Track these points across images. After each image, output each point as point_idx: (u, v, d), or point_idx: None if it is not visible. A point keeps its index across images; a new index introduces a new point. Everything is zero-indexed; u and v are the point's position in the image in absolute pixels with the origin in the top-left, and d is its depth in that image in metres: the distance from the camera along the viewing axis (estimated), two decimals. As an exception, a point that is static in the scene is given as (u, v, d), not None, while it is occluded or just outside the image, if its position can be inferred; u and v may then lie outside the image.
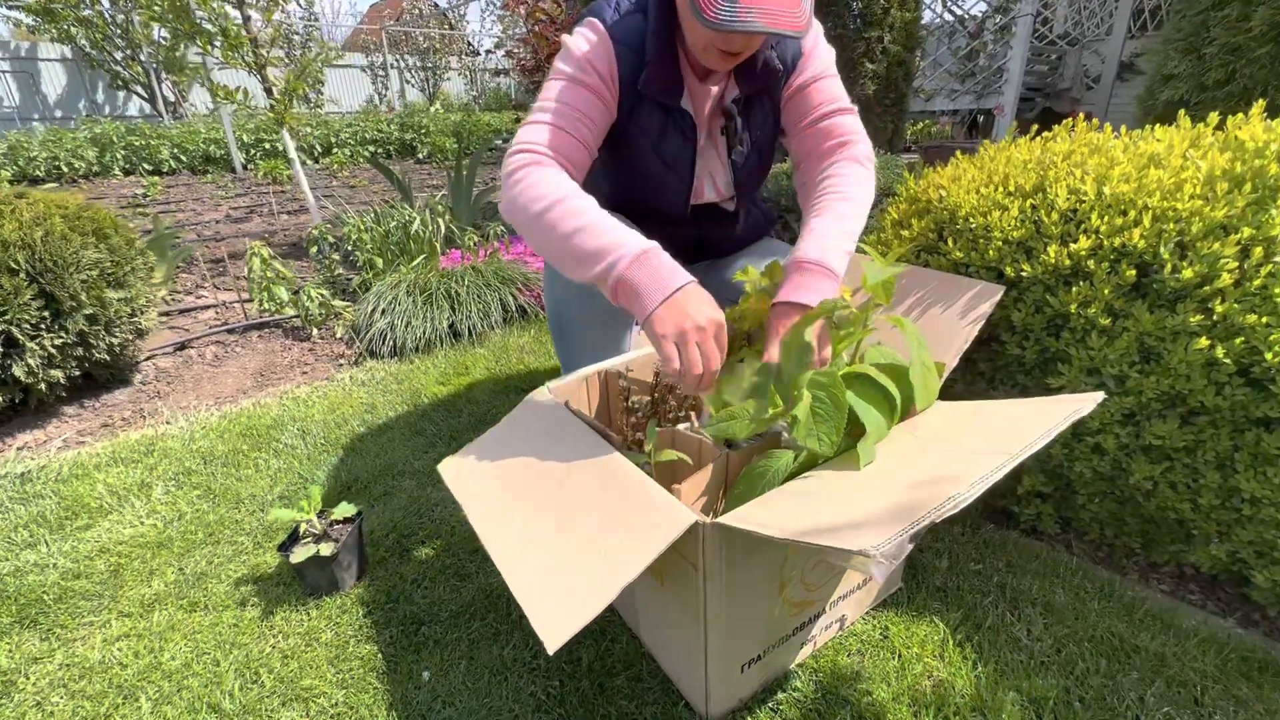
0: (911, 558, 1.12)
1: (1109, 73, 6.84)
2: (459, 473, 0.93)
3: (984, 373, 1.08)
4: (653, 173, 1.10)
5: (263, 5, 2.56)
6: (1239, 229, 0.80)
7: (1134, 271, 0.85)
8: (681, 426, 0.98)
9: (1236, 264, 0.80)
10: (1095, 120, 1.10)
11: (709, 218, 1.24)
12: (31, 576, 1.15)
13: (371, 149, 8.11)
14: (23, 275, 1.51)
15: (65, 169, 6.32)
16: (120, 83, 9.88)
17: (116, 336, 1.72)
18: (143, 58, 9.40)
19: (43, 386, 1.61)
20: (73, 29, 9.12)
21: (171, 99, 10.20)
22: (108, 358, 1.73)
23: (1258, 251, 0.79)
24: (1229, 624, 0.99)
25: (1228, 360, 0.81)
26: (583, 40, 0.98)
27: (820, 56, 1.08)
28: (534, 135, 0.93)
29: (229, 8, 2.36)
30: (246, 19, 2.53)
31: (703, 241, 1.30)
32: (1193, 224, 0.82)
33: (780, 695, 0.89)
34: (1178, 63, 1.42)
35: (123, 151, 6.71)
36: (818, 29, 1.06)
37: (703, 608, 0.77)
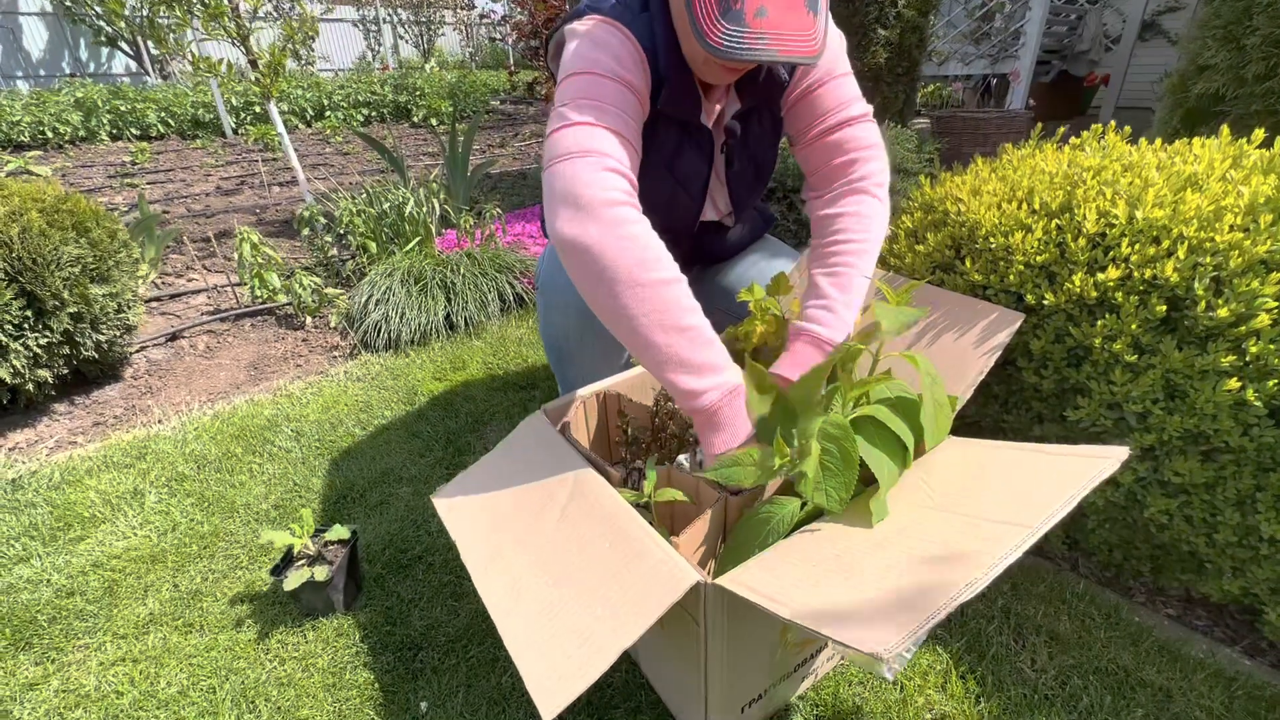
0: (915, 580, 1.10)
1: (1130, 33, 6.56)
2: (452, 508, 0.90)
3: (998, 396, 1.04)
4: (663, 191, 1.01)
5: (243, -30, 2.43)
6: (1281, 266, 0.75)
7: (1164, 306, 0.80)
8: (681, 458, 0.95)
9: (1276, 303, 0.75)
10: (1079, 137, 1.03)
11: (708, 230, 1.18)
12: (25, 594, 1.13)
13: (365, 112, 7.87)
14: (1, 275, 1.45)
15: (50, 134, 6.14)
16: (105, 39, 9.54)
17: (104, 334, 1.68)
18: (126, 13, 9.06)
19: (30, 386, 1.58)
20: (51, -19, 8.77)
21: (157, 54, 9.88)
22: (96, 355, 1.69)
23: (1299, 291, 0.74)
24: (1235, 653, 0.97)
25: (1259, 403, 0.77)
26: (608, 35, 0.85)
27: (836, 48, 0.96)
28: (618, 150, 0.79)
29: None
30: (227, -14, 2.40)
31: (701, 249, 1.25)
32: (1231, 258, 0.76)
33: (781, 731, 0.88)
34: (1215, 52, 1.33)
35: (109, 116, 6.51)
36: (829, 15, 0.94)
37: (703, 657, 0.75)
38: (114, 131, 6.57)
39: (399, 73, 9.57)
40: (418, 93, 8.23)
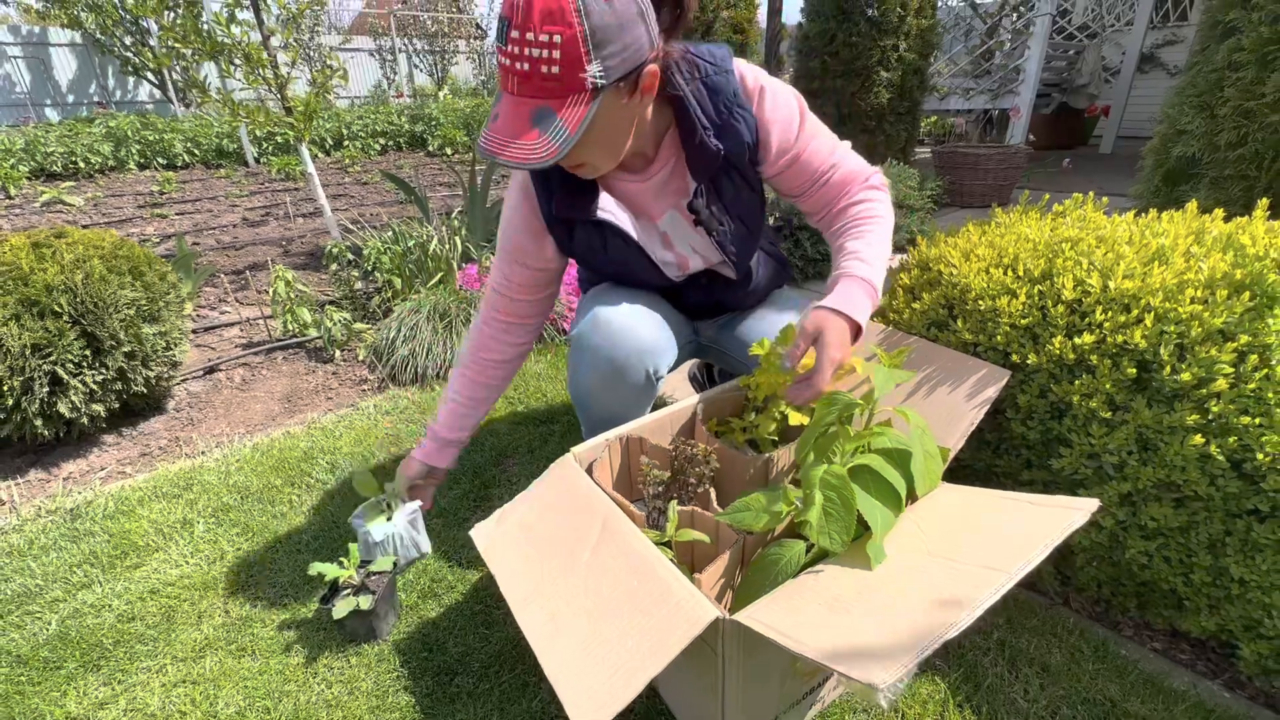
0: (916, 613, 1.18)
1: (1129, 65, 6.73)
2: (491, 542, 0.99)
3: (990, 442, 1.13)
4: (618, 268, 1.17)
5: (283, 22, 2.59)
6: (1236, 336, 0.84)
7: (1135, 369, 0.89)
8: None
9: (1233, 369, 0.84)
10: (1095, 197, 1.13)
11: (716, 282, 1.27)
12: (90, 618, 1.23)
13: (382, 141, 8.13)
14: (65, 318, 1.58)
15: (81, 164, 6.39)
16: (131, 69, 9.91)
17: (153, 370, 1.79)
18: (152, 43, 9.42)
19: (84, 420, 1.69)
20: (82, 14, 9.15)
21: (181, 85, 10.23)
22: (144, 389, 1.80)
23: (1253, 359, 0.83)
24: (1216, 686, 1.04)
25: (1221, 457, 0.86)
26: (512, 186, 1.12)
27: (786, 117, 1.04)
28: (492, 276, 1.20)
29: (251, 31, 2.39)
30: (266, 38, 2.56)
31: (718, 302, 1.34)
32: (1192, 328, 0.86)
33: (791, 755, 0.96)
34: (1191, 119, 1.43)
35: (137, 146, 6.77)
36: (764, 89, 1.01)
37: (720, 685, 0.83)
38: (142, 161, 6.82)
39: (415, 102, 9.87)
40: (433, 122, 8.49)
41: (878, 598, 0.71)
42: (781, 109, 1.02)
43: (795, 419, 1.10)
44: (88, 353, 1.63)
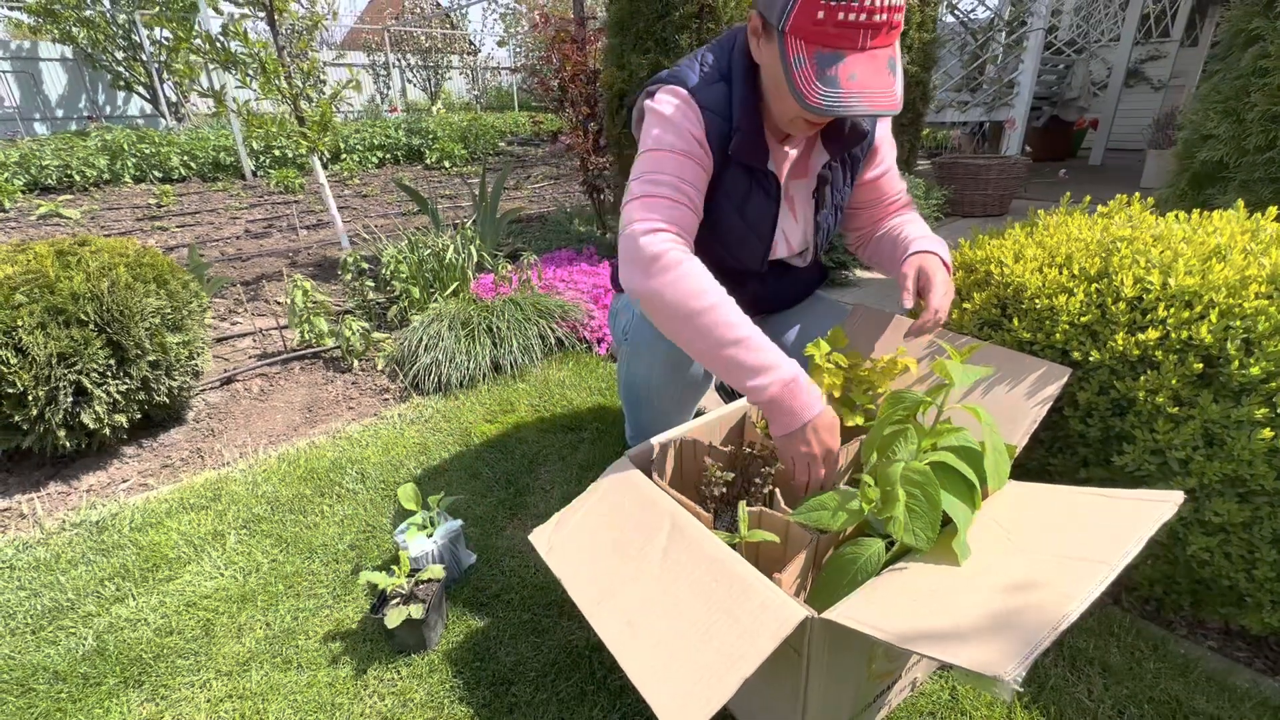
0: (971, 614, 1.17)
1: (1116, 80, 6.89)
2: (552, 546, 0.98)
3: (1044, 441, 1.13)
4: (734, 232, 1.16)
5: (298, 33, 2.59)
6: (1304, 330, 0.85)
7: (1201, 364, 0.90)
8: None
9: (1301, 362, 0.85)
10: (1107, 206, 1.15)
11: (775, 275, 1.29)
12: (126, 633, 1.19)
13: (380, 154, 8.13)
14: (91, 326, 1.55)
15: (77, 177, 6.33)
16: (122, 83, 9.86)
17: (176, 380, 1.76)
18: (144, 58, 9.39)
19: (106, 431, 1.66)
20: (74, 29, 9.11)
21: (174, 99, 10.19)
22: (167, 399, 1.77)
23: (1321, 352, 0.84)
24: (1277, 683, 1.04)
25: (1290, 450, 0.86)
26: (676, 112, 1.03)
27: (889, 142, 1.20)
28: (666, 214, 0.98)
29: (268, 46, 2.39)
30: (281, 50, 2.56)
31: (764, 296, 1.35)
32: (1259, 322, 0.87)
33: (863, 759, 0.94)
34: (1217, 124, 1.46)
35: (133, 159, 6.72)
36: None
37: (803, 687, 0.82)
38: (137, 174, 6.77)
39: (410, 116, 9.89)
40: (430, 136, 8.51)
41: (971, 593, 0.71)
42: (889, 130, 1.18)
43: (850, 420, 1.10)
44: (112, 362, 1.60)
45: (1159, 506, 0.75)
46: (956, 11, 6.33)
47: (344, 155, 7.84)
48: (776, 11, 0.88)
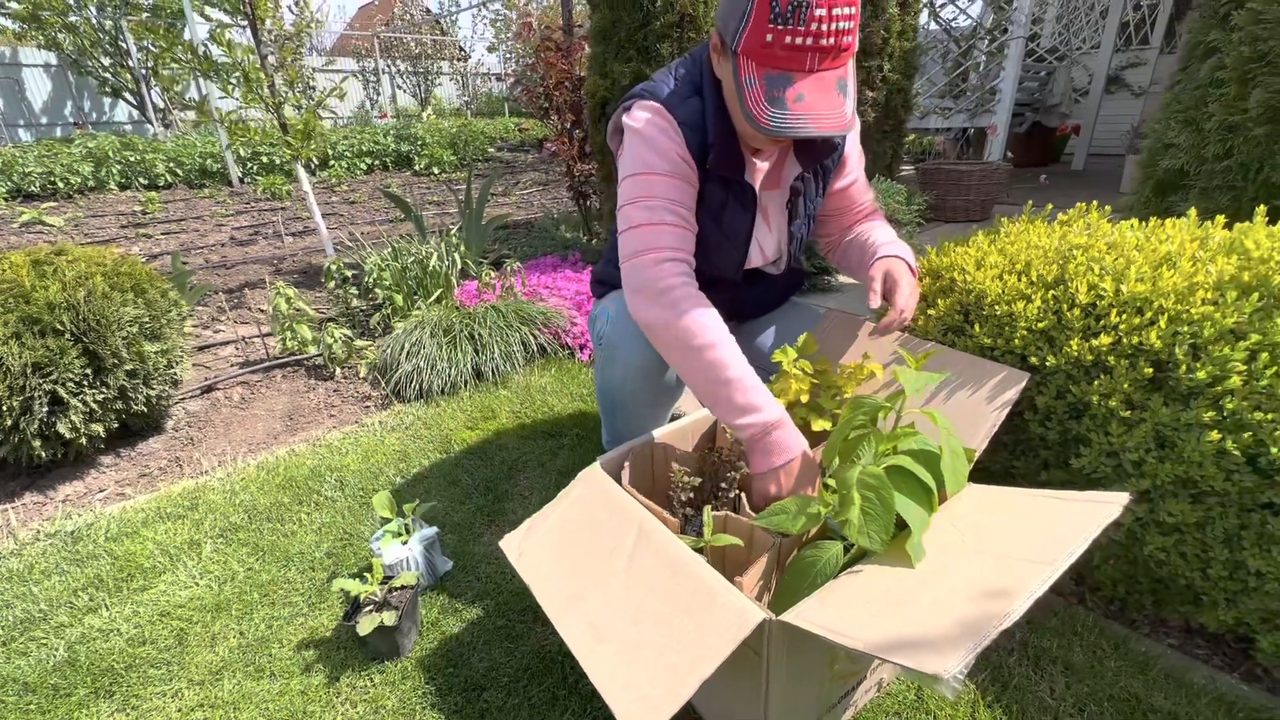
0: (939, 615, 1.19)
1: (1097, 87, 7.00)
2: (522, 552, 0.99)
3: (1007, 444, 1.15)
4: (711, 241, 1.17)
5: (280, 41, 2.60)
6: (1247, 335, 0.88)
7: (1151, 369, 0.93)
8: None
9: (1245, 366, 0.87)
10: (1068, 214, 1.18)
11: (750, 282, 1.31)
12: (99, 643, 1.19)
13: (369, 161, 8.12)
14: (68, 336, 1.55)
15: (60, 184, 6.28)
16: (108, 89, 9.81)
17: (154, 389, 1.76)
18: (131, 64, 9.34)
19: (83, 440, 1.65)
20: (59, 36, 9.06)
21: (161, 106, 10.14)
22: (145, 409, 1.76)
23: (1264, 356, 0.87)
24: (1234, 679, 1.07)
25: (1237, 452, 0.89)
26: (654, 130, 1.04)
27: (857, 154, 1.22)
28: (672, 240, 1.02)
29: (250, 53, 2.40)
30: (264, 58, 2.57)
31: (739, 302, 1.37)
32: (1205, 328, 0.89)
33: (828, 760, 0.96)
34: (1178, 133, 1.50)
35: (118, 166, 6.68)
36: (857, 123, 1.15)
37: (764, 688, 0.83)
38: (123, 181, 6.73)
39: (400, 122, 9.89)
40: (419, 142, 8.50)
41: (924, 593, 0.73)
42: (857, 140, 1.21)
43: (817, 425, 1.12)
44: (89, 371, 1.60)
45: (1105, 508, 0.77)
46: (939, 19, 6.42)
47: (332, 162, 7.82)
48: (730, 32, 0.90)
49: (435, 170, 8.01)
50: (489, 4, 14.49)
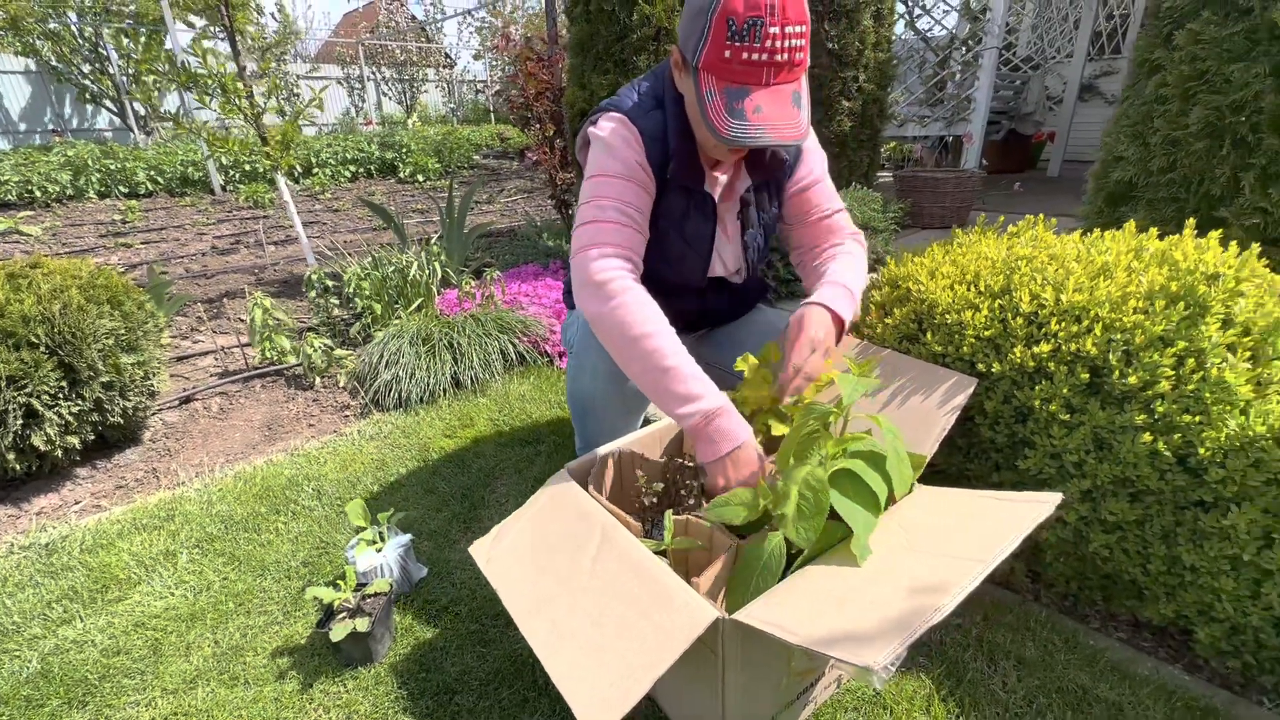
0: (899, 614, 1.23)
1: (1070, 95, 7.16)
2: (491, 557, 1.02)
3: (961, 448, 1.20)
4: (675, 249, 1.22)
5: (258, 52, 2.62)
6: (1175, 341, 0.93)
7: (1088, 374, 0.98)
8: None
9: (1173, 371, 0.93)
10: (1048, 219, 1.23)
11: (715, 290, 1.35)
12: (73, 654, 1.20)
13: (352, 168, 8.11)
14: (42, 349, 1.55)
15: (38, 193, 6.22)
16: (89, 96, 9.72)
17: (131, 400, 1.76)
18: (112, 71, 9.27)
19: (58, 453, 1.65)
20: (38, 42, 8.97)
21: (142, 113, 10.06)
22: (121, 420, 1.77)
23: (1190, 362, 0.92)
24: (1177, 670, 1.12)
25: (1168, 453, 0.94)
26: (616, 137, 1.09)
27: (817, 157, 1.25)
28: (615, 238, 1.04)
29: (227, 63, 2.41)
30: (242, 69, 2.58)
31: (706, 311, 1.41)
32: (1136, 335, 0.94)
33: (787, 754, 0.99)
34: (1126, 147, 1.56)
35: (97, 174, 6.62)
36: (812, 131, 1.19)
37: (720, 684, 0.87)
38: (102, 190, 6.67)
39: (385, 130, 9.89)
40: (404, 149, 8.51)
41: (866, 591, 0.76)
42: (817, 143, 1.25)
43: (778, 430, 1.16)
44: (64, 384, 1.61)
45: (1037, 508, 0.81)
46: (916, 29, 6.55)
47: (316, 169, 7.80)
48: (691, 49, 0.95)
49: (420, 178, 8.01)
50: (474, 12, 14.54)
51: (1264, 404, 0.89)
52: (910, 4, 6.35)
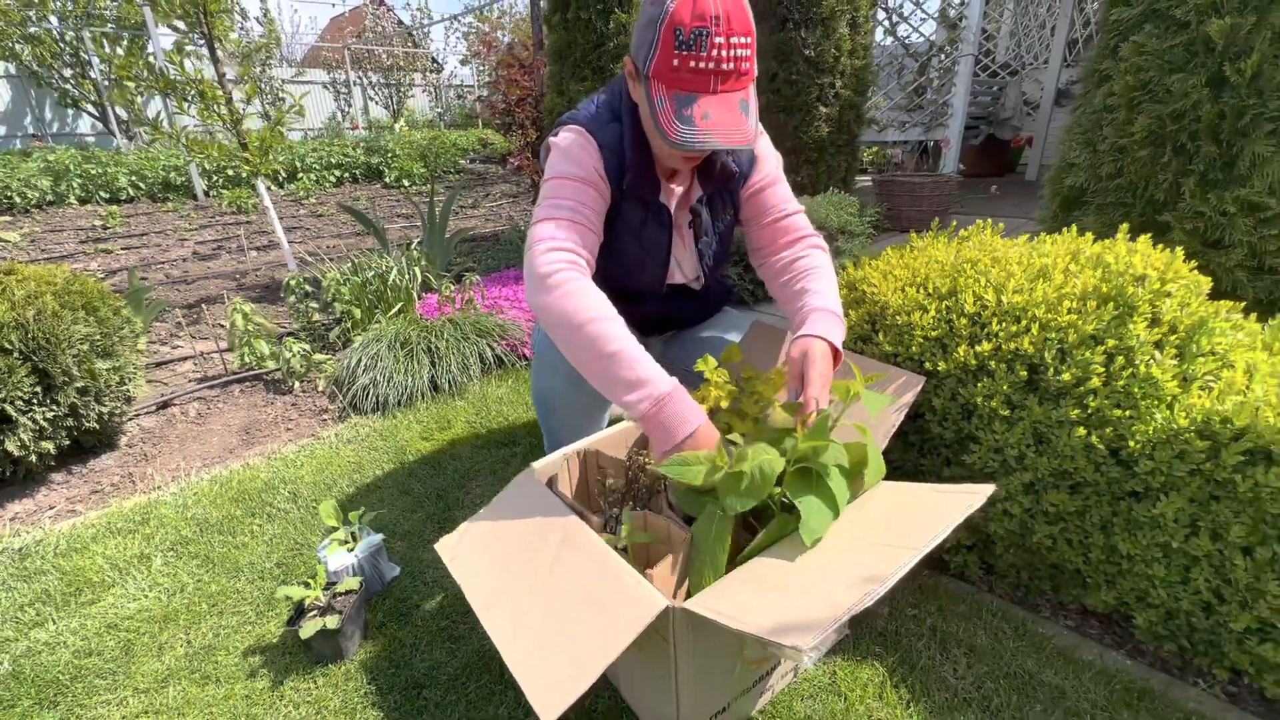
0: (857, 605, 1.27)
1: (1047, 100, 7.30)
2: (455, 554, 1.05)
3: (914, 444, 1.24)
4: (633, 258, 1.25)
5: (238, 58, 2.63)
6: (1105, 340, 0.98)
7: (1026, 371, 1.02)
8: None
9: (1104, 369, 0.97)
10: (1000, 225, 1.28)
11: (677, 296, 1.39)
12: (44, 656, 1.21)
13: (337, 173, 8.08)
14: (16, 355, 1.56)
15: (17, 199, 6.15)
16: (69, 101, 9.63)
17: (106, 405, 1.77)
18: (94, 75, 9.19)
19: (33, 458, 1.66)
20: (18, 46, 8.88)
21: (125, 118, 9.98)
22: (97, 426, 1.78)
23: (1120, 359, 0.97)
24: (1120, 655, 1.16)
25: (1101, 446, 0.99)
26: (574, 145, 1.13)
27: (770, 161, 1.28)
28: (564, 234, 1.05)
29: (205, 68, 2.43)
30: (222, 75, 2.60)
31: (670, 316, 1.45)
32: (1070, 334, 0.99)
33: (743, 741, 1.03)
34: (1078, 153, 1.62)
35: (78, 180, 6.56)
36: (764, 135, 1.25)
37: (674, 670, 0.90)
38: (83, 195, 6.60)
39: (370, 134, 9.87)
40: (389, 154, 8.49)
41: (806, 579, 0.80)
42: (771, 146, 1.27)
43: (739, 428, 1.19)
44: (38, 389, 1.61)
45: (970, 498, 0.85)
46: (896, 36, 6.65)
47: (300, 174, 7.78)
48: (642, 58, 0.99)
49: (405, 183, 8.00)
50: (461, 18, 14.56)
51: (1187, 398, 0.94)
52: (889, 12, 6.47)
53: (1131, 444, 0.97)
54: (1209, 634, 1.02)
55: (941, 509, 0.86)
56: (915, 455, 1.25)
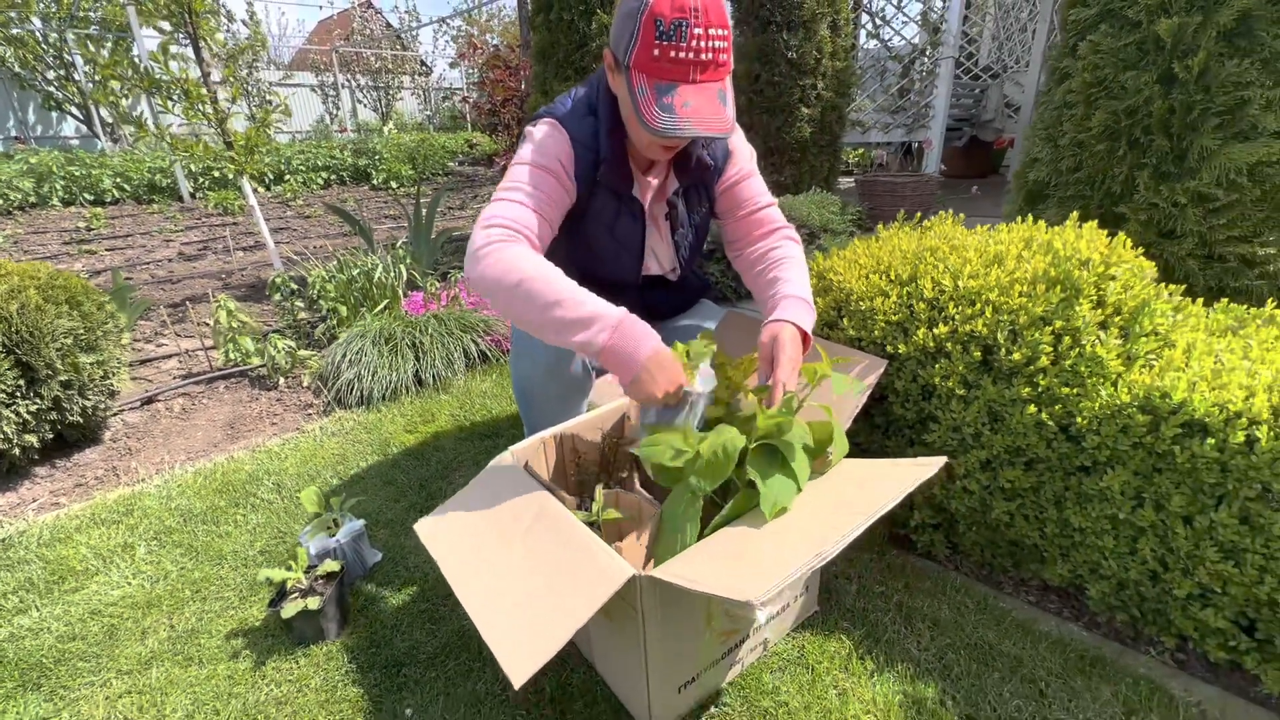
0: (827, 583, 1.31)
1: (1028, 102, 7.43)
2: (434, 532, 1.08)
3: (879, 425, 1.29)
4: (607, 250, 1.28)
5: (223, 58, 2.65)
6: (1053, 321, 1.03)
7: (980, 352, 1.07)
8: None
9: (1052, 348, 1.02)
10: (961, 215, 1.33)
11: (654, 287, 1.43)
12: (28, 641, 1.23)
13: (325, 175, 8.08)
14: (-1, 348, 1.58)
15: (0, 201, 6.11)
16: (53, 103, 9.56)
17: (90, 399, 1.79)
18: (78, 77, 9.13)
19: (16, 451, 1.67)
20: (1, 48, 8.82)
21: (109, 120, 9.91)
22: (80, 419, 1.79)
23: (1067, 340, 1.01)
24: (1077, 627, 1.21)
25: (1051, 423, 1.03)
26: (545, 136, 1.16)
27: (744, 154, 1.32)
28: (503, 210, 1.06)
29: (190, 68, 2.44)
30: (206, 74, 2.62)
31: (648, 307, 1.49)
32: (1020, 316, 1.04)
33: (713, 710, 1.06)
34: (1040, 149, 1.68)
35: (62, 181, 6.53)
36: (739, 130, 1.28)
37: (643, 640, 0.94)
38: (66, 197, 6.57)
39: (358, 137, 9.86)
40: (377, 156, 8.50)
41: (764, 545, 0.84)
42: (745, 141, 1.31)
43: (711, 414, 1.23)
44: (21, 383, 1.63)
45: (923, 469, 0.90)
46: (880, 38, 6.75)
47: (287, 176, 7.77)
48: (622, 49, 1.03)
49: (393, 185, 8.01)
50: (449, 20, 14.58)
51: (1130, 375, 0.99)
52: (872, 15, 6.56)
53: (1079, 420, 1.01)
54: (1156, 602, 1.07)
55: (894, 479, 0.91)
56: (880, 436, 1.30)
